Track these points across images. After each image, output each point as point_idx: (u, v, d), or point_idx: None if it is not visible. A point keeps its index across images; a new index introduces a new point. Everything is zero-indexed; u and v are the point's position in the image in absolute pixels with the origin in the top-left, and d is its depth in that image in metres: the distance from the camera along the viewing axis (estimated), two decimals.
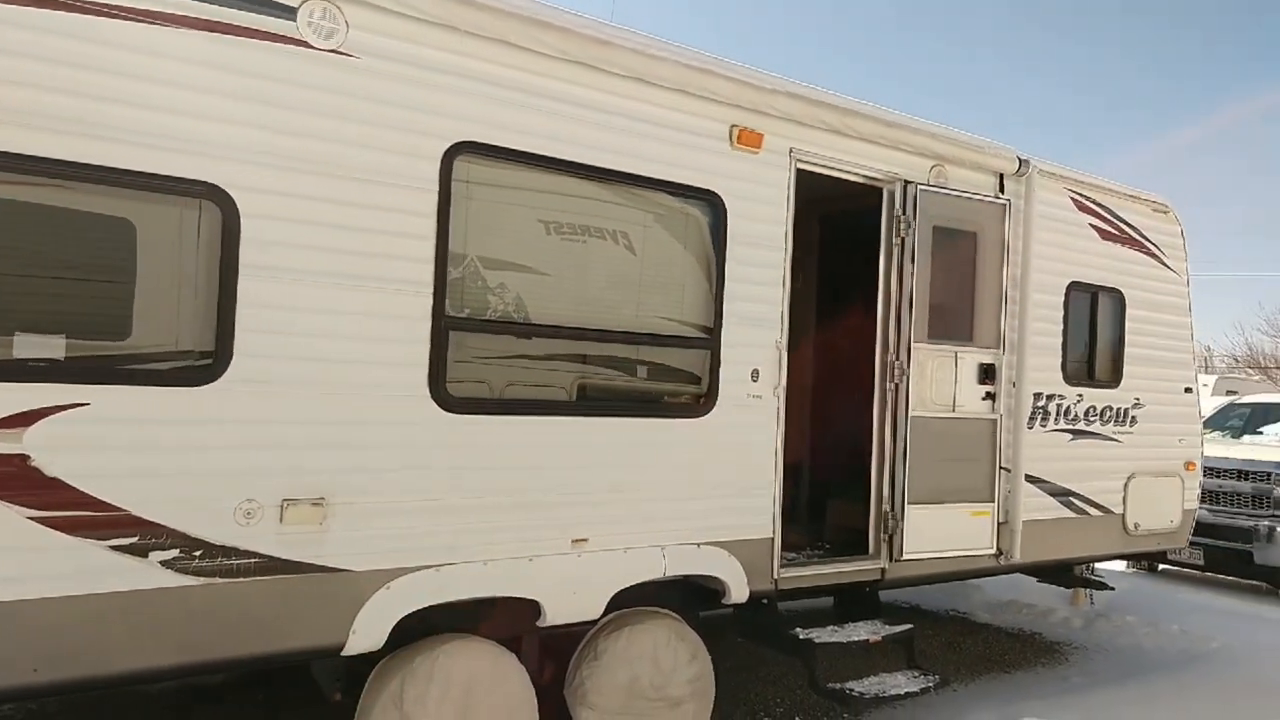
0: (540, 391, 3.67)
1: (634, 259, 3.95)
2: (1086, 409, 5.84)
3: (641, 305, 3.96)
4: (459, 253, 3.45)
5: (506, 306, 3.59)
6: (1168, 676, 6.01)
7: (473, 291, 3.50)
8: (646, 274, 3.98)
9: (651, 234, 4.00)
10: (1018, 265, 5.31)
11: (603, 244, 3.87)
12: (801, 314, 6.48)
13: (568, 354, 3.76)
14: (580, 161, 3.74)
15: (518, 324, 3.60)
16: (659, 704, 3.92)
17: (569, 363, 3.76)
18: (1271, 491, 8.19)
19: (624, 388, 3.91)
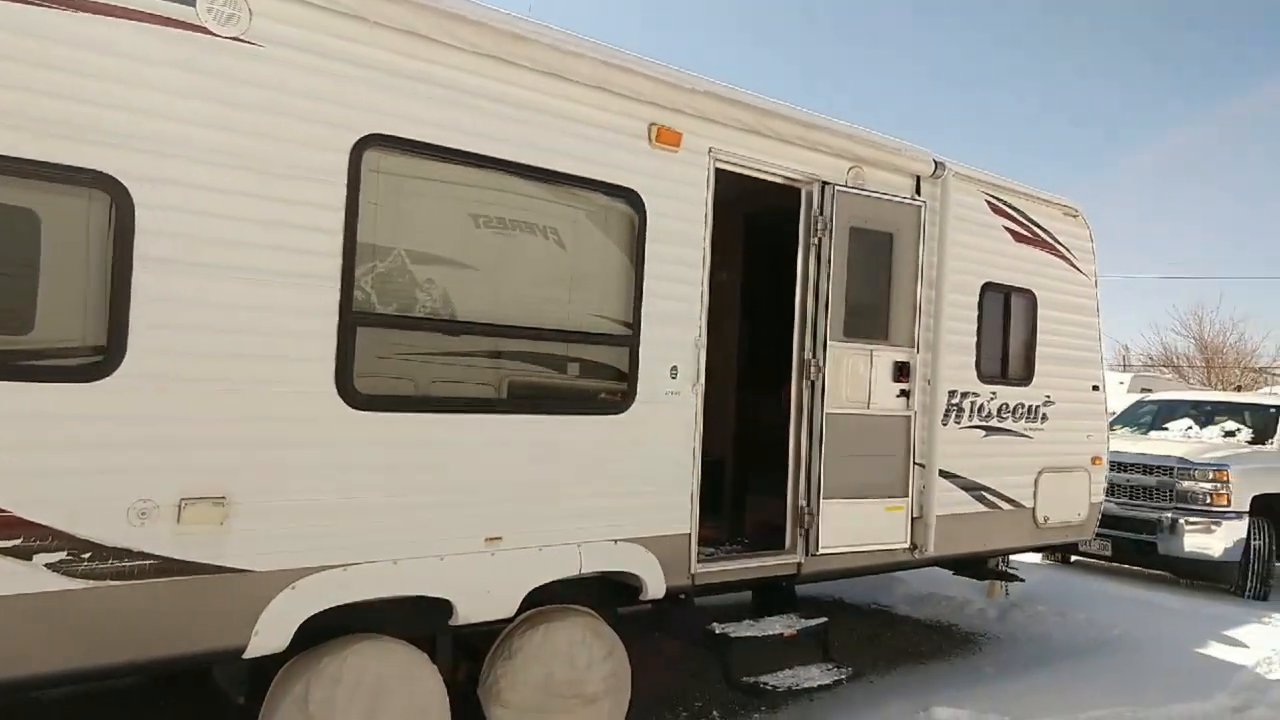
0: (453, 388, 3.63)
1: (552, 256, 3.93)
2: (999, 406, 6.01)
3: (559, 302, 3.95)
4: (369, 247, 3.40)
5: (419, 302, 3.54)
6: (1073, 663, 6.23)
7: (383, 287, 3.45)
8: (564, 271, 3.97)
9: (570, 231, 3.99)
10: (933, 266, 5.44)
11: (520, 240, 3.84)
12: (726, 311, 6.55)
13: (482, 350, 3.73)
14: (496, 156, 3.71)
15: (430, 320, 3.56)
16: (574, 701, 3.92)
17: (483, 359, 3.73)
18: (1174, 485, 8.55)
19: (539, 384, 3.89)
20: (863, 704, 5.13)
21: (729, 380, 6.50)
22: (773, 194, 5.05)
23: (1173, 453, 8.76)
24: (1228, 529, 8.31)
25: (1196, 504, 8.43)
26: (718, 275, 6.49)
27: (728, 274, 6.54)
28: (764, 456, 5.86)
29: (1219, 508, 8.35)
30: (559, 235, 3.96)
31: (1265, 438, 9.33)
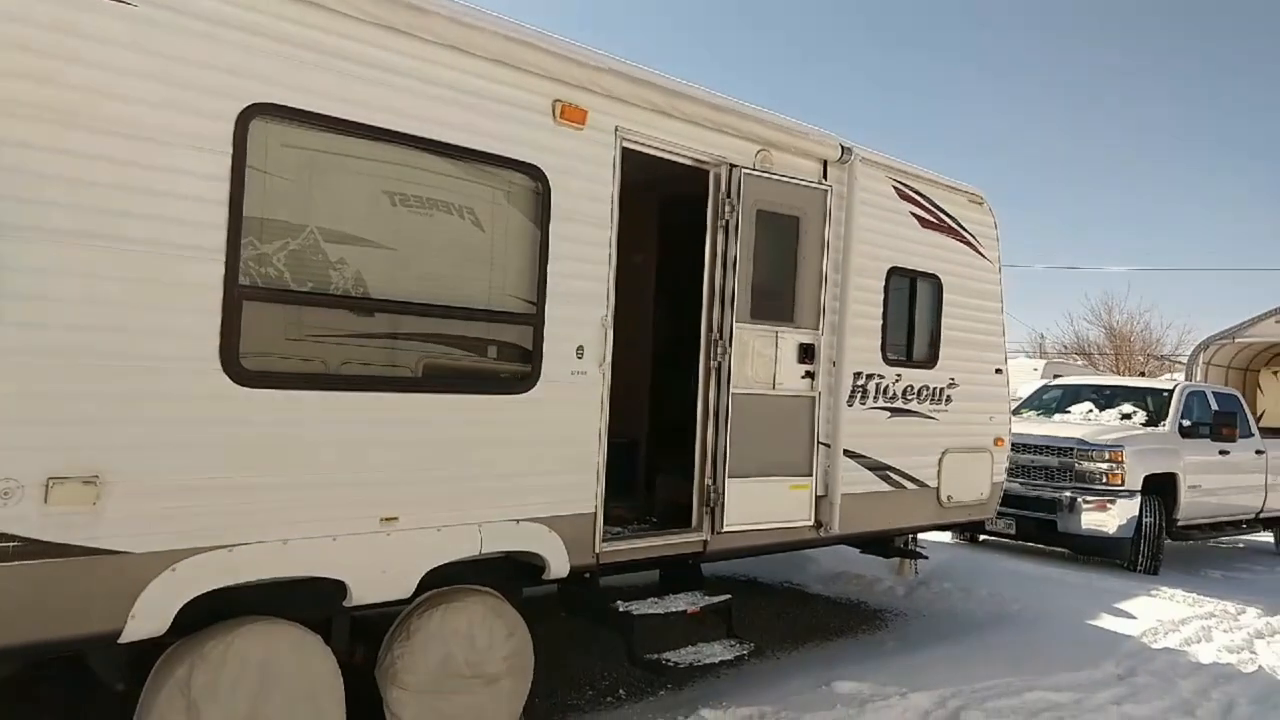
0: (347, 366, 3.56)
1: (452, 232, 3.88)
2: (904, 388, 6.16)
3: (460, 279, 3.90)
4: (256, 220, 3.30)
5: (312, 277, 3.45)
6: (973, 638, 6.45)
7: (272, 261, 3.35)
8: (465, 247, 3.91)
9: (471, 207, 3.94)
10: (839, 250, 5.54)
11: (419, 216, 3.78)
12: (641, 294, 6.57)
13: (378, 327, 3.66)
14: (392, 130, 3.64)
15: (323, 296, 3.47)
16: (474, 681, 3.90)
17: (379, 336, 3.66)
18: (1074, 465, 8.90)
19: (438, 363, 3.84)
20: (768, 679, 5.23)
21: (644, 362, 6.51)
22: (687, 177, 5.07)
23: (1072, 434, 9.12)
24: (1122, 507, 8.69)
25: (1094, 483, 8.79)
26: (632, 257, 6.54)
27: (643, 256, 6.56)
28: (677, 437, 5.90)
29: (1114, 487, 8.72)
30: (460, 211, 3.91)
31: (1159, 420, 9.77)
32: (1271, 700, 5.44)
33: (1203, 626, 7.10)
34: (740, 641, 4.66)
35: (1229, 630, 7.12)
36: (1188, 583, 8.77)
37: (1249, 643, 6.81)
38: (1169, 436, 9.49)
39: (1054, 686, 5.36)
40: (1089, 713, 5.01)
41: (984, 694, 5.16)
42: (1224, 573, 9.75)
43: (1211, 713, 5.20)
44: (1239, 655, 6.44)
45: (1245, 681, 5.79)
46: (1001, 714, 4.87)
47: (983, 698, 5.08)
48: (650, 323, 6.54)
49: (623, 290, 6.16)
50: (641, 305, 6.53)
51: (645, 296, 6.51)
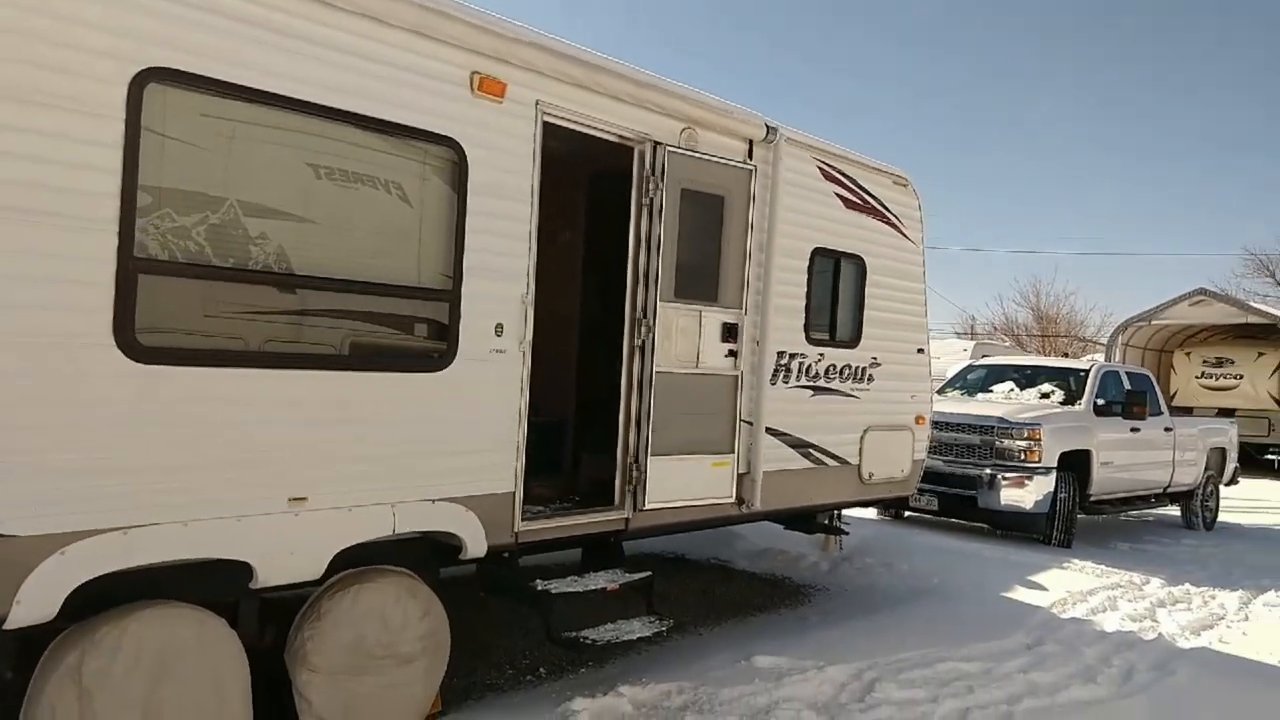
0: (252, 342, 3.45)
1: (365, 205, 3.78)
2: (827, 367, 6.24)
3: (373, 253, 3.81)
4: (154, 189, 3.16)
5: (215, 250, 3.34)
6: (894, 611, 6.61)
7: (171, 232, 3.22)
8: (379, 221, 3.82)
9: (385, 180, 3.84)
10: (764, 230, 5.56)
11: (331, 188, 3.67)
12: (569, 272, 6.52)
13: (285, 302, 3.56)
14: (303, 99, 3.52)
15: (225, 269, 3.36)
16: (387, 662, 3.85)
17: (286, 312, 3.55)
18: (994, 443, 9.14)
19: (350, 339, 3.75)
20: (689, 654, 5.28)
21: (571, 341, 6.47)
22: (615, 154, 5.03)
23: (993, 413, 9.36)
24: (1038, 483, 8.97)
25: (1013, 460, 9.05)
26: (560, 234, 6.49)
27: (570, 233, 6.51)
28: (604, 416, 5.89)
29: (1032, 463, 8.99)
30: (373, 184, 3.81)
31: (1075, 399, 10.09)
32: (1168, 666, 5.69)
33: (1109, 597, 7.40)
34: (660, 618, 4.69)
35: (1133, 600, 7.43)
36: (1098, 555, 9.12)
37: (1151, 611, 7.11)
38: (1084, 415, 9.81)
39: (965, 657, 5.53)
40: (996, 681, 5.17)
41: (899, 665, 5.29)
42: (1132, 545, 10.15)
43: (1112, 678, 5.42)
44: (1141, 624, 6.72)
45: (1145, 648, 6.05)
46: (914, 684, 5.00)
47: (897, 669, 5.22)
48: (578, 301, 6.50)
49: (550, 268, 6.11)
50: (569, 283, 6.48)
51: (573, 274, 6.46)
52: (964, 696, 4.87)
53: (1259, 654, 6.19)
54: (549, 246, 6.52)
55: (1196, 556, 9.76)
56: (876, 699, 4.75)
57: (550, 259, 6.54)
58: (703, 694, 4.63)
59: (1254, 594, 8.01)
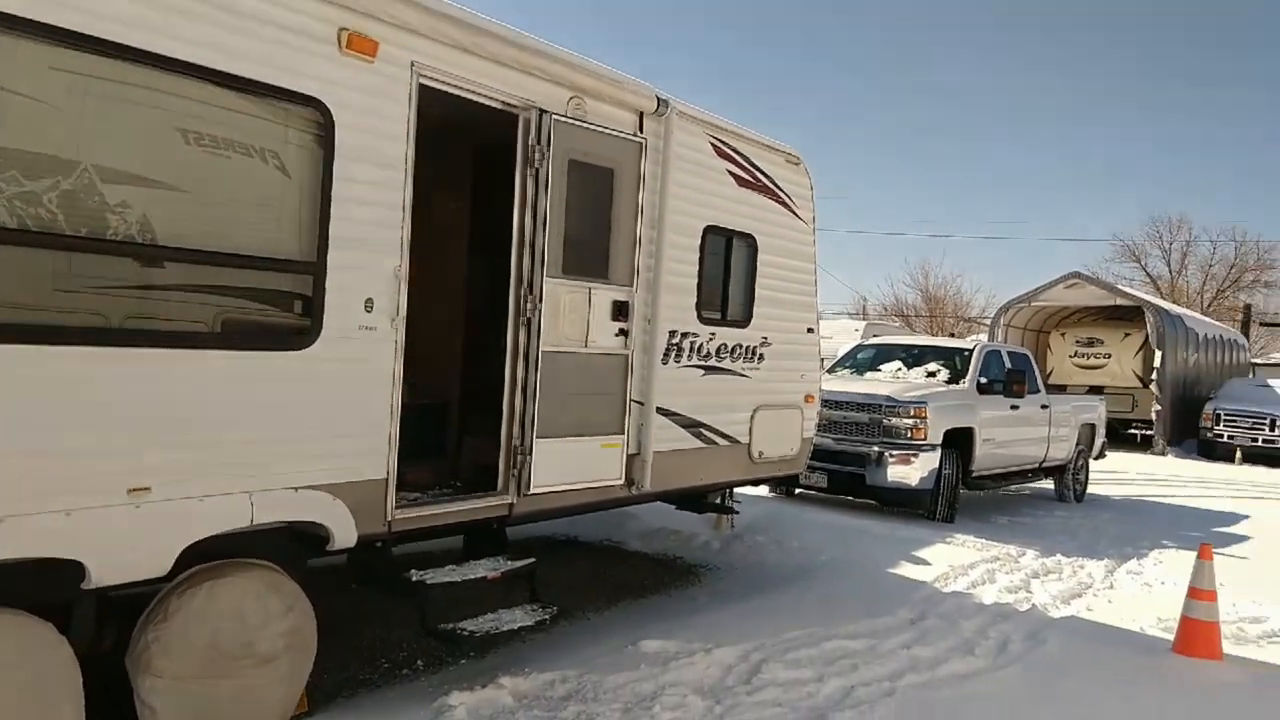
0: (83, 317, 3.10)
1: (220, 169, 3.45)
2: (718, 346, 6.17)
3: (230, 221, 3.49)
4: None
5: (41, 214, 2.97)
6: (783, 589, 6.64)
7: None
8: (234, 186, 3.50)
9: (246, 142, 3.52)
10: (655, 205, 5.42)
11: (182, 149, 3.34)
12: (454, 245, 6.25)
13: (126, 273, 3.22)
14: (151, 51, 3.18)
15: (53, 235, 3.00)
16: (245, 663, 3.58)
17: (123, 283, 3.21)
18: (882, 421, 9.31)
19: (201, 315, 3.44)
20: (576, 641, 5.15)
21: (456, 319, 6.21)
22: (501, 123, 4.78)
23: (881, 392, 9.53)
24: (924, 460, 9.19)
25: (899, 438, 9.24)
26: (445, 207, 6.20)
27: (456, 206, 6.23)
28: (491, 398, 5.68)
29: (917, 441, 9.19)
30: (232, 147, 3.49)
31: (960, 378, 10.38)
32: (1040, 635, 5.88)
33: (988, 570, 7.63)
34: (543, 606, 4.54)
35: (1010, 572, 7.69)
36: (978, 529, 9.42)
37: (1026, 583, 7.37)
38: (967, 393, 10.10)
39: (851, 634, 5.58)
40: (880, 658, 5.23)
41: (786, 645, 5.29)
42: (1010, 518, 10.55)
43: (988, 650, 5.56)
44: (1016, 595, 6.95)
45: (1020, 619, 6.25)
46: (801, 664, 5.01)
47: (785, 649, 5.21)
48: (463, 277, 6.24)
49: (433, 242, 5.85)
50: (454, 258, 6.22)
51: (458, 249, 6.20)
52: (849, 675, 4.89)
53: (1122, 620, 6.47)
54: (433, 219, 6.27)
55: (1067, 528, 10.21)
56: (763, 680, 4.73)
57: (434, 232, 6.28)
58: (587, 682, 4.50)
59: (1118, 562, 8.41)
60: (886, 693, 4.71)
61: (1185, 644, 5.57)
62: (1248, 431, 19.95)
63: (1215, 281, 45.14)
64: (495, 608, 4.37)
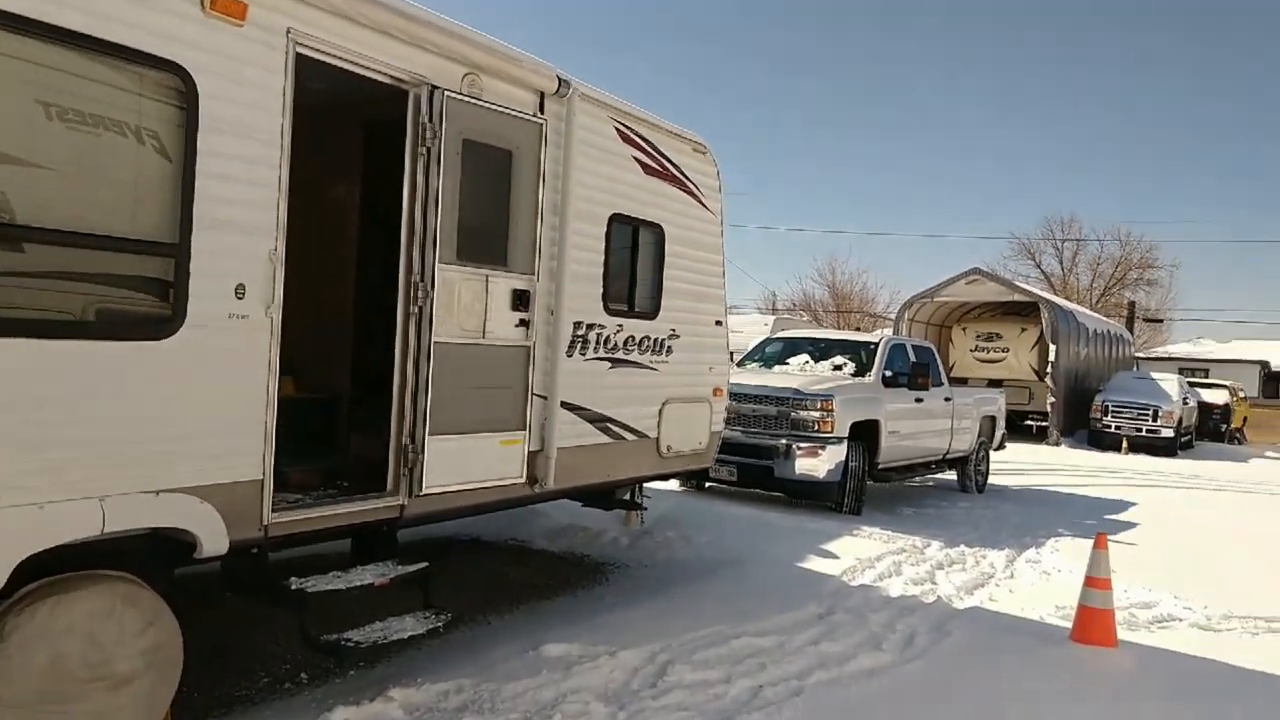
0: None
1: (67, 140, 3.09)
2: (626, 339, 5.99)
3: (76, 197, 3.13)
4: None
5: None
6: (691, 586, 6.51)
7: None
8: (82, 159, 3.14)
9: (100, 111, 3.17)
10: (557, 190, 5.20)
11: (24, 118, 2.97)
12: (344, 230, 5.90)
13: None
14: None
15: None
16: (98, 685, 3.23)
17: None
18: (790, 414, 9.30)
19: (44, 301, 3.07)
20: (475, 647, 4.91)
21: (347, 308, 5.87)
22: (393, 100, 4.49)
23: (789, 385, 9.52)
24: (830, 452, 9.21)
25: (807, 431, 9.24)
26: (334, 188, 5.85)
27: (346, 188, 5.89)
28: (383, 392, 5.37)
29: (824, 434, 9.21)
30: (80, 115, 3.13)
31: (865, 371, 10.46)
32: (945, 627, 5.90)
33: (894, 562, 7.67)
34: (437, 612, 4.28)
35: (916, 564, 7.74)
36: (884, 520, 9.51)
37: (931, 574, 7.43)
38: (873, 386, 10.19)
39: (760, 631, 5.48)
40: (789, 655, 5.14)
41: (693, 645, 5.15)
42: (915, 509, 10.71)
43: (895, 644, 5.53)
44: (922, 587, 6.99)
45: (925, 612, 6.27)
46: (708, 664, 4.87)
47: (692, 649, 5.07)
48: (354, 264, 5.89)
49: (324, 226, 5.51)
50: (344, 243, 5.87)
51: (349, 234, 5.85)
52: (756, 674, 4.78)
53: (1023, 609, 6.57)
54: (324, 202, 5.91)
55: (970, 518, 10.41)
56: (669, 683, 4.57)
57: (325, 216, 5.93)
58: (484, 691, 4.27)
59: (1018, 552, 8.59)
60: (794, 692, 4.61)
61: (1082, 632, 5.66)
62: (1132, 422, 20.92)
63: (1103, 279, 47.40)
64: (384, 616, 4.08)
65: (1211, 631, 6.39)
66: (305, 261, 6.03)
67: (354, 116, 5.59)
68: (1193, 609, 6.83)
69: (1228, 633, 6.40)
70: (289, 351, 5.94)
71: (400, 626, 4.04)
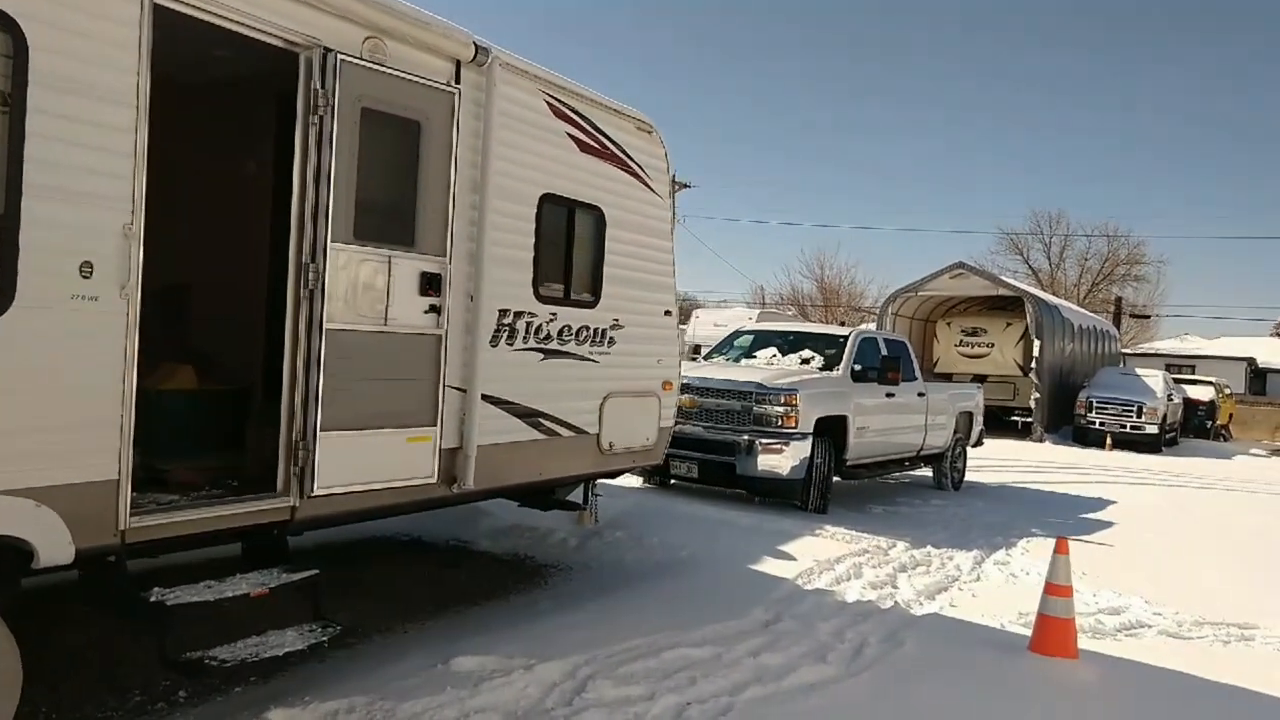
0: None
1: None
2: (561, 328, 5.61)
3: None
4: None
5: None
6: (634, 590, 6.15)
7: None
8: None
9: None
10: (476, 166, 4.82)
11: None
12: (255, 210, 5.51)
13: None
14: None
15: None
16: None
17: None
18: (752, 408, 8.93)
19: None
20: (382, 659, 4.53)
21: (257, 295, 5.46)
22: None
23: (752, 378, 9.15)
24: (795, 449, 8.85)
25: (770, 426, 8.87)
26: (243, 165, 5.45)
27: (256, 165, 5.49)
28: (274, 382, 4.98)
29: (788, 429, 8.85)
30: None
31: (835, 365, 10.10)
32: (898, 636, 5.54)
33: (855, 564, 7.32)
34: (324, 624, 3.89)
35: (877, 566, 7.39)
36: (851, 520, 9.16)
37: (892, 577, 7.08)
38: (841, 380, 9.83)
39: (698, 641, 5.11)
40: (725, 668, 4.78)
41: (621, 657, 4.79)
42: (885, 508, 10.36)
43: (843, 655, 5.17)
44: (880, 591, 6.64)
45: (880, 619, 5.91)
46: (634, 679, 4.50)
47: (619, 662, 4.70)
48: (266, 245, 5.49)
49: (234, 207, 5.14)
50: (258, 225, 5.46)
51: (259, 214, 5.44)
52: (685, 690, 4.41)
53: (984, 615, 6.22)
54: (233, 180, 5.52)
55: (941, 517, 10.08)
56: (587, 700, 4.20)
57: (235, 195, 5.54)
58: (378, 710, 3.89)
59: (986, 553, 8.25)
60: (723, 710, 4.25)
61: (1041, 642, 5.30)
62: (1117, 418, 20.64)
63: (1090, 275, 47.20)
64: (262, 630, 3.70)
65: (1181, 639, 6.06)
66: (215, 244, 5.67)
67: (266, 89, 5.19)
68: (1163, 614, 6.51)
69: (1198, 640, 6.07)
70: (194, 340, 5.63)
71: (278, 641, 3.66)
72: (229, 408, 5.20)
